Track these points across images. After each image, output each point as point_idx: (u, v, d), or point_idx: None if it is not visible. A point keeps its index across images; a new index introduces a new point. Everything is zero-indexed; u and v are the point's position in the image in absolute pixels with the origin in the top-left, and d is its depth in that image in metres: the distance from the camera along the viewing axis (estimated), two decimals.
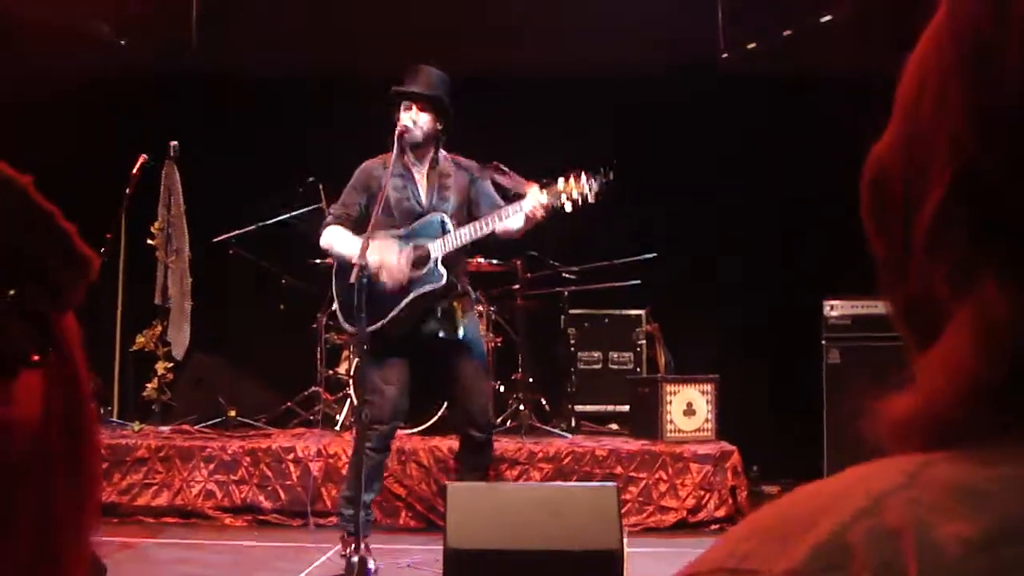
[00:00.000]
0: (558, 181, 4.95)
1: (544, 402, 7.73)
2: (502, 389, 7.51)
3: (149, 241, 7.66)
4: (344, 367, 7.55)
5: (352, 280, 4.68)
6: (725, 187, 8.30)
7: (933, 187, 0.54)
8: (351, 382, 7.05)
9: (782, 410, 7.68)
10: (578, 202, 4.93)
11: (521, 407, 7.24)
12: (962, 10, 0.54)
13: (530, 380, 7.46)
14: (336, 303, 5.19)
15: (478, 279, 7.32)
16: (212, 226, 7.64)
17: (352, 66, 8.05)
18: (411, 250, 5.01)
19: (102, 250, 7.15)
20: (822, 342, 7.26)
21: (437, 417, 6.85)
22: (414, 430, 6.91)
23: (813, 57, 7.46)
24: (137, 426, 7.04)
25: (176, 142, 7.71)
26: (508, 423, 7.28)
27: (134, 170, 7.34)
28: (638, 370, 8.01)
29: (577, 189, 4.91)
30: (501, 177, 5.42)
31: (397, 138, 4.98)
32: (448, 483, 4.44)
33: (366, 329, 4.69)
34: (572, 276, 7.79)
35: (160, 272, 7.70)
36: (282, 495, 6.52)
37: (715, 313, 8.09)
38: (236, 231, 7.57)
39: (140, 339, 7.46)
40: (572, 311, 7.95)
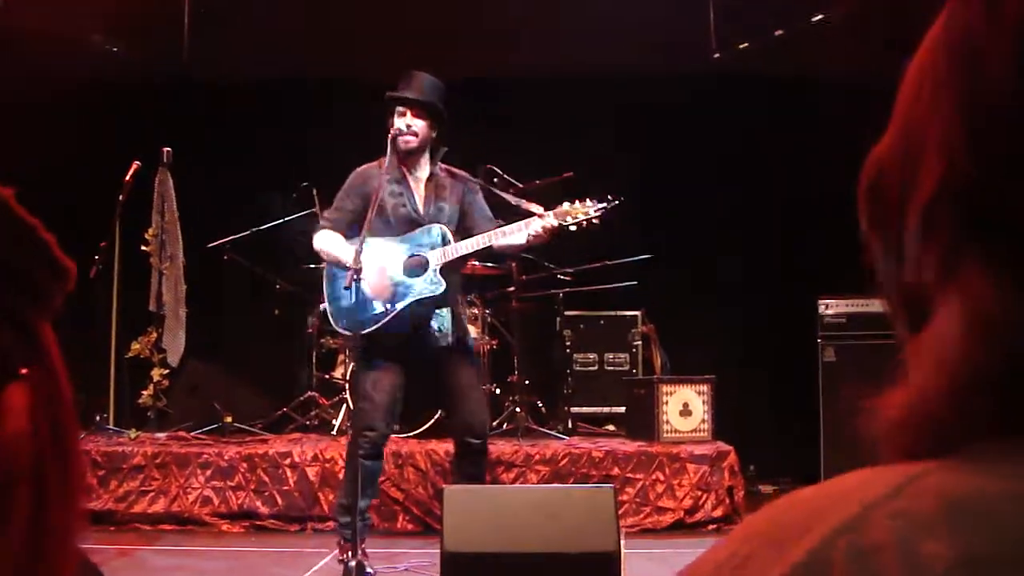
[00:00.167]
0: (563, 204, 5.02)
1: (540, 404, 7.73)
2: (498, 392, 7.51)
3: (143, 248, 7.66)
4: (339, 371, 7.55)
5: (346, 285, 4.69)
6: (720, 187, 8.30)
7: (924, 182, 0.57)
8: (347, 386, 7.04)
9: (778, 409, 7.69)
10: (582, 224, 4.99)
11: (517, 409, 7.24)
12: (957, 20, 0.57)
13: (526, 382, 7.46)
14: (328, 306, 5.16)
15: (473, 282, 7.33)
16: (206, 232, 7.63)
17: (348, 69, 8.06)
18: (407, 258, 5.02)
19: (96, 257, 7.15)
20: (818, 341, 7.28)
21: (433, 421, 6.84)
22: (410, 434, 6.90)
23: (807, 57, 7.47)
24: (133, 433, 7.02)
25: (169, 148, 7.70)
26: (504, 425, 7.28)
27: (127, 177, 7.33)
28: (634, 371, 8.02)
29: (583, 212, 4.97)
30: (505, 193, 5.45)
31: (391, 141, 4.98)
32: (445, 486, 4.44)
33: (359, 333, 4.69)
34: (567, 278, 7.80)
35: (154, 279, 7.69)
36: (279, 501, 6.52)
37: (710, 313, 8.09)
38: (230, 237, 7.56)
39: (135, 346, 7.45)
40: (567, 313, 7.96)
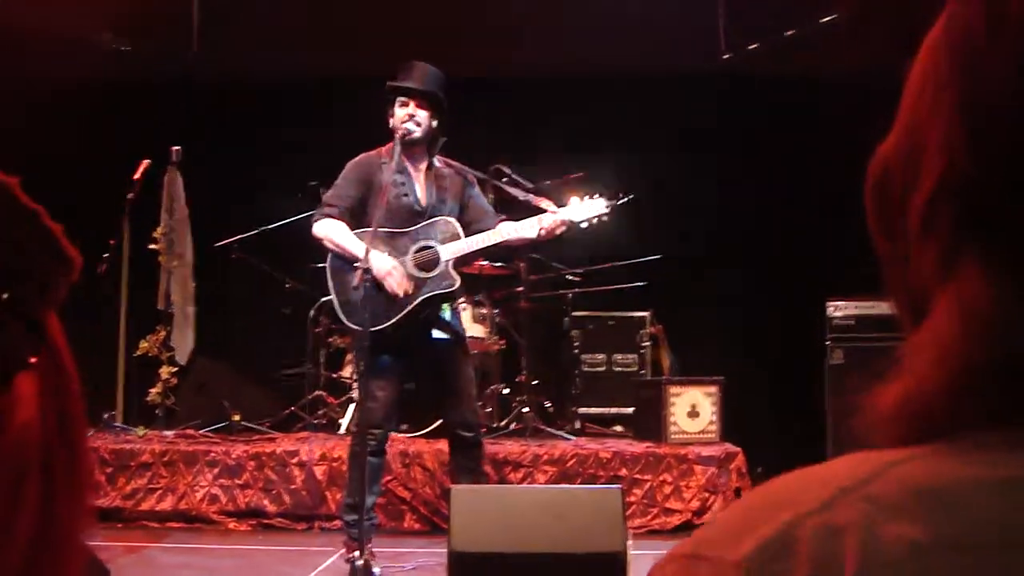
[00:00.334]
0: (572, 200, 5.05)
1: (548, 405, 7.72)
2: (506, 392, 7.50)
3: (152, 246, 7.67)
4: (348, 370, 7.55)
5: (356, 284, 4.67)
6: (729, 188, 8.29)
7: (924, 181, 0.57)
8: (355, 385, 7.04)
9: (786, 411, 7.66)
10: (593, 220, 5.02)
11: (525, 410, 7.23)
12: (957, 20, 0.58)
13: (534, 383, 7.45)
14: (335, 300, 5.03)
15: (481, 282, 7.33)
16: (215, 231, 7.64)
17: (356, 68, 8.06)
18: (416, 252, 4.99)
19: (105, 255, 7.17)
20: (826, 343, 7.25)
21: (441, 420, 6.83)
22: (418, 433, 6.90)
23: (817, 57, 7.45)
24: (141, 431, 7.04)
25: (178, 147, 7.71)
26: (512, 426, 7.27)
27: (137, 175, 7.35)
28: (642, 372, 8.00)
29: (594, 209, 5.00)
30: (514, 189, 5.45)
31: (402, 135, 4.94)
32: (452, 486, 4.44)
33: (368, 330, 4.67)
34: (576, 278, 7.79)
35: (163, 277, 7.70)
36: (286, 499, 6.52)
37: (719, 315, 8.08)
38: (239, 235, 7.57)
39: (144, 344, 7.46)
40: (576, 313, 7.95)
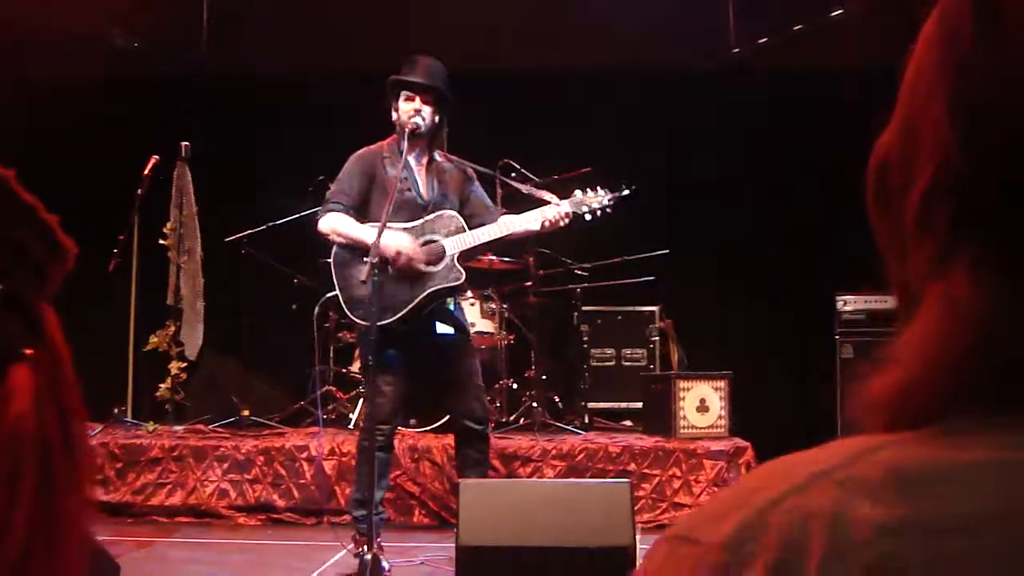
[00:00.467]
0: (576, 192, 5.05)
1: (557, 399, 7.72)
2: (515, 387, 7.50)
3: (161, 242, 7.68)
4: (356, 365, 7.56)
5: (364, 278, 4.67)
6: (737, 183, 8.28)
7: (919, 178, 0.58)
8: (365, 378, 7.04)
9: (796, 406, 7.66)
10: (596, 213, 5.02)
11: (534, 404, 7.23)
12: (947, 16, 0.58)
13: (543, 377, 7.45)
14: (340, 294, 5.03)
15: (490, 276, 7.33)
16: (224, 226, 7.65)
17: (365, 64, 8.04)
18: (421, 246, 4.99)
19: (115, 251, 7.19)
20: (835, 337, 7.25)
21: (449, 415, 6.84)
22: (427, 428, 6.91)
23: (827, 51, 7.42)
24: (151, 426, 7.06)
25: (187, 143, 7.72)
26: (521, 420, 7.27)
27: (146, 171, 7.36)
28: (651, 367, 8.00)
29: (596, 201, 4.99)
30: (519, 184, 5.45)
31: (409, 130, 4.94)
32: (461, 480, 4.45)
33: (375, 324, 4.67)
34: (584, 273, 7.79)
35: (172, 272, 7.71)
36: (296, 494, 6.53)
37: (728, 309, 8.07)
38: (248, 231, 7.57)
39: (153, 339, 7.48)
40: (585, 308, 7.94)
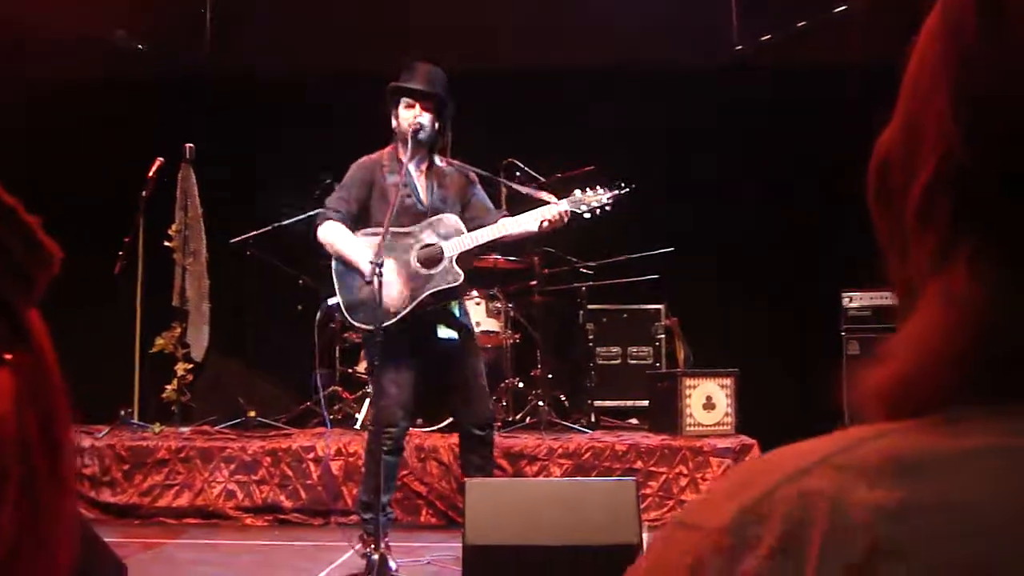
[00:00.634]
0: (575, 191, 5.06)
1: (563, 398, 7.72)
2: (521, 385, 7.51)
3: (167, 243, 7.69)
4: (362, 366, 7.56)
5: (367, 280, 4.68)
6: (742, 180, 8.27)
7: (921, 172, 0.58)
8: (370, 380, 7.05)
9: (802, 403, 7.63)
10: (596, 211, 5.03)
11: (540, 403, 7.23)
12: (950, 9, 0.58)
13: (549, 376, 7.45)
14: (340, 299, 5.07)
15: (495, 275, 7.34)
16: (229, 227, 7.66)
17: (369, 64, 8.06)
18: (420, 249, 5.01)
19: (120, 253, 7.20)
20: (841, 334, 7.24)
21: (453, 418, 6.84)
22: (433, 428, 6.92)
23: (831, 47, 7.42)
24: (157, 428, 7.06)
25: (192, 145, 7.73)
26: (527, 419, 7.27)
27: (150, 173, 7.37)
28: (657, 364, 8.00)
29: (595, 199, 5.01)
30: (518, 185, 5.45)
31: (412, 135, 4.95)
32: (467, 479, 4.45)
33: (379, 328, 4.68)
34: (589, 271, 7.79)
35: (178, 274, 7.71)
36: (303, 494, 6.54)
37: (734, 306, 8.07)
38: (253, 232, 7.58)
39: (159, 341, 7.48)
40: (590, 306, 7.95)
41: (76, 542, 0.83)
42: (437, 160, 5.16)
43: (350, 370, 7.70)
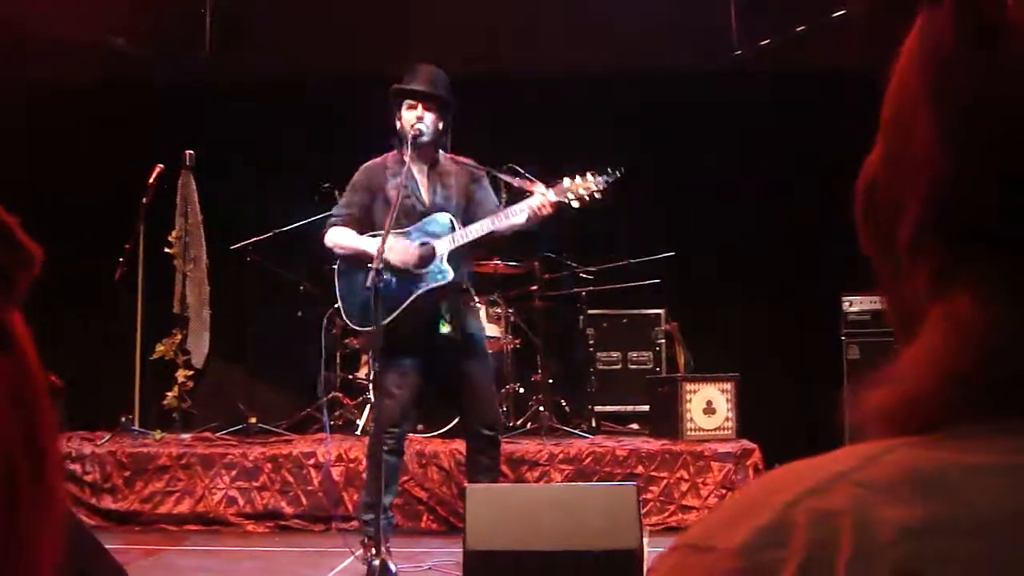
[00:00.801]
0: (563, 179, 5.02)
1: (564, 403, 7.72)
2: (521, 391, 7.50)
3: (167, 250, 7.69)
4: (363, 371, 7.56)
5: (369, 284, 4.69)
6: (742, 184, 8.27)
7: (912, 200, 0.58)
8: (371, 386, 7.05)
9: (802, 407, 7.64)
10: (584, 199, 4.99)
11: (541, 408, 7.23)
12: (927, 32, 0.58)
13: (549, 381, 7.45)
14: (340, 303, 5.13)
15: (496, 281, 7.33)
16: (229, 234, 7.66)
17: (371, 69, 8.06)
18: (417, 247, 5.02)
19: (121, 260, 7.19)
20: (841, 338, 7.23)
21: (457, 420, 6.84)
22: (434, 433, 6.91)
23: (830, 51, 7.42)
24: (158, 434, 7.06)
25: (192, 151, 7.73)
26: (528, 425, 7.27)
27: (150, 180, 7.37)
28: (658, 369, 7.99)
29: (584, 187, 4.97)
30: (512, 179, 5.44)
31: (412, 139, 4.96)
32: (468, 485, 4.45)
33: (381, 329, 4.69)
34: (590, 276, 7.79)
35: (178, 281, 7.72)
36: (304, 500, 6.53)
37: (734, 311, 8.06)
38: (253, 238, 7.58)
39: (160, 348, 7.49)
40: (590, 311, 7.94)
41: (61, 551, 0.81)
42: (442, 159, 5.17)
43: (351, 376, 7.69)
